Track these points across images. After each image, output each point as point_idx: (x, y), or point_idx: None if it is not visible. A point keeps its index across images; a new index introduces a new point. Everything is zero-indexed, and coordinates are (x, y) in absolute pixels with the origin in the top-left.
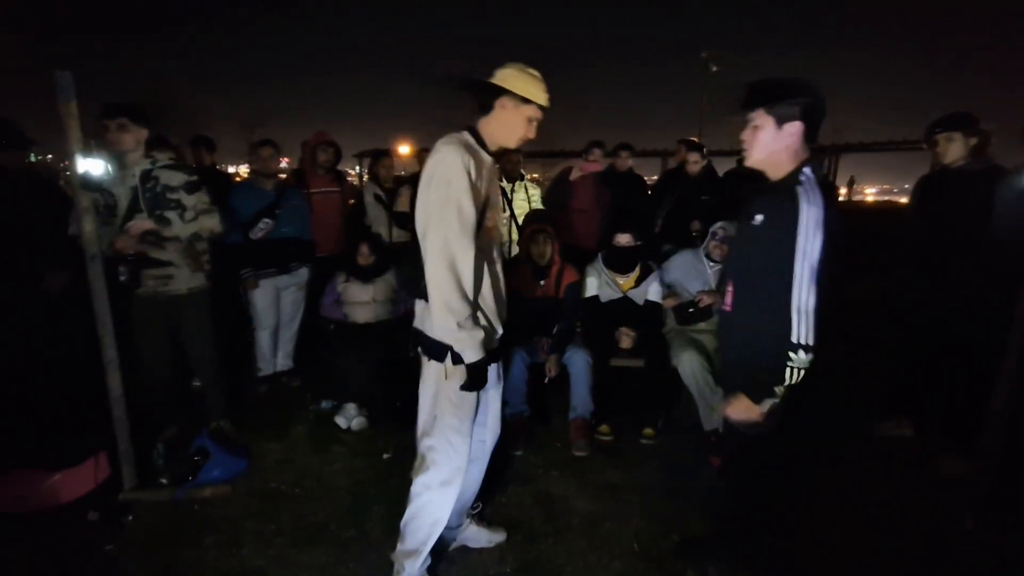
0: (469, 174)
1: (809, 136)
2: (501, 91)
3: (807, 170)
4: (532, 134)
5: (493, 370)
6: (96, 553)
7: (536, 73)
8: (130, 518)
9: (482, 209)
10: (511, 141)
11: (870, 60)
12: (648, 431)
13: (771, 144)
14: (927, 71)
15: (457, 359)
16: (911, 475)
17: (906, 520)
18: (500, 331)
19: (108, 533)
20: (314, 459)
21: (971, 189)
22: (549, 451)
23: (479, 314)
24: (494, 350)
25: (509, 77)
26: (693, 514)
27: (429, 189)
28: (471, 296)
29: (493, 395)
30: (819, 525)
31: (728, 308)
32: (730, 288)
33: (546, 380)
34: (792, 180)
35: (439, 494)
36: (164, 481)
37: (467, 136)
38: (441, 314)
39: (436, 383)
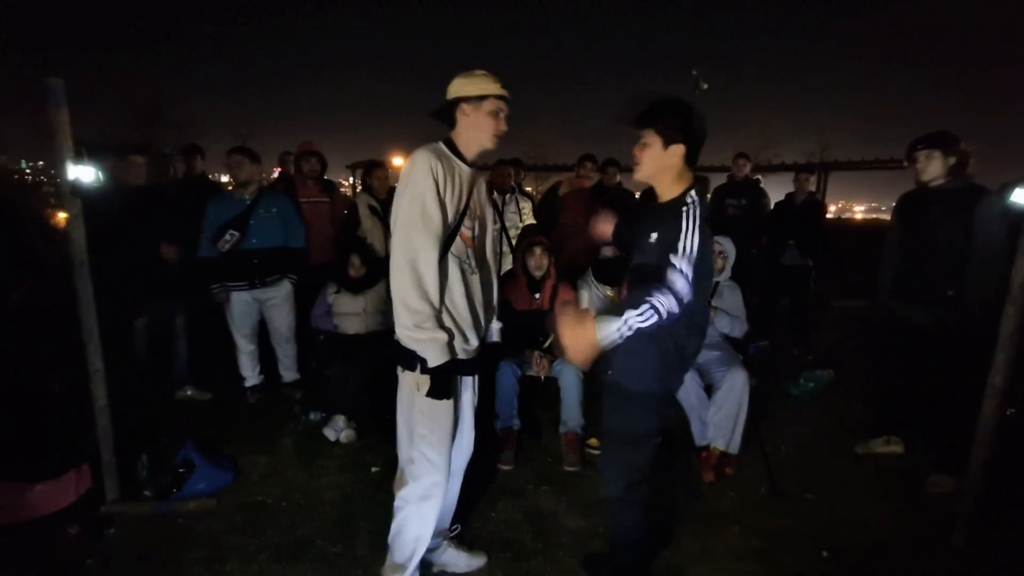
0: (436, 178)
1: (690, 158)
2: (456, 102)
3: (693, 193)
4: (504, 126)
5: (467, 383)
6: (76, 567)
7: (481, 72)
8: (111, 531)
9: (459, 216)
10: (486, 140)
11: (860, 76)
12: None
13: (658, 162)
14: (918, 89)
15: (425, 366)
16: (900, 492)
17: (895, 537)
18: (475, 343)
19: (88, 547)
20: (301, 472)
21: (950, 207)
22: (539, 466)
23: (447, 320)
24: (469, 362)
25: (458, 87)
26: (683, 529)
27: (399, 193)
28: (433, 298)
29: (467, 411)
30: (809, 540)
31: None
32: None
33: (542, 378)
34: (679, 203)
35: (418, 508)
36: (148, 494)
37: (441, 146)
38: (400, 313)
39: (410, 393)
